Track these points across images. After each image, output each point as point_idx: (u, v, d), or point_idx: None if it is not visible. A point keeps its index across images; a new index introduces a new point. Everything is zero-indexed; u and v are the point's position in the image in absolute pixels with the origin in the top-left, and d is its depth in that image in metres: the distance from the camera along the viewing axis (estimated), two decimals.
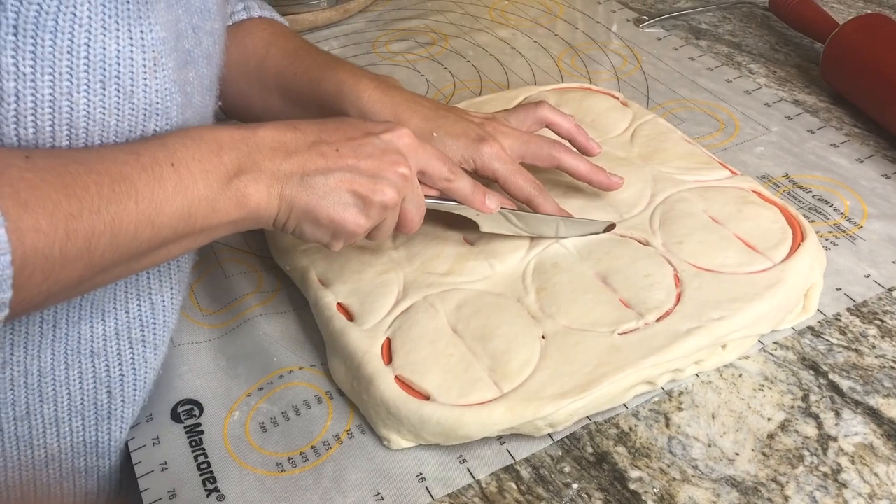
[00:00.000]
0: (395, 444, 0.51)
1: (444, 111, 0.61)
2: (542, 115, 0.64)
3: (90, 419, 0.52)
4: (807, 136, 0.76)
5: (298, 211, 0.48)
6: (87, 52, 0.42)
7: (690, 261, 0.58)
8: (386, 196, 0.49)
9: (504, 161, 0.59)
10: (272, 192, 0.47)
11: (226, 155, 0.46)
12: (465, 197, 0.55)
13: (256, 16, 0.68)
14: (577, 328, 0.54)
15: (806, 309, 0.58)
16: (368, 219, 0.50)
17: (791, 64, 0.87)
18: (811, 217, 0.66)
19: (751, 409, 0.52)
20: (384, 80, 0.63)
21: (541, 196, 0.60)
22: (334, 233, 0.50)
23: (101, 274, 0.41)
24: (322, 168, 0.48)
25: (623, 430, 0.52)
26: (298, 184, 0.48)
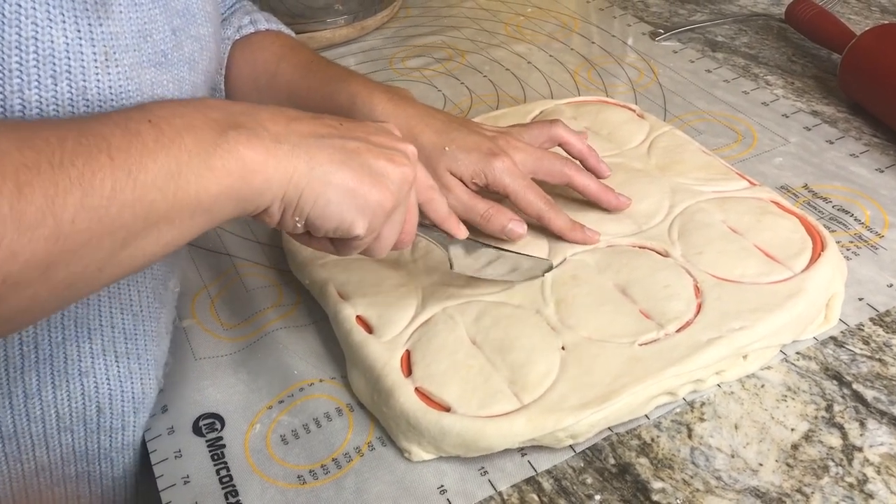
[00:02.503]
0: (415, 456, 0.51)
1: (456, 124, 0.61)
2: (556, 133, 0.64)
3: (79, 433, 0.52)
4: (825, 146, 0.76)
5: (319, 174, 0.41)
6: (35, 46, 0.39)
7: (710, 271, 0.58)
8: (406, 171, 0.45)
9: (515, 176, 0.59)
10: (280, 150, 0.40)
11: (215, 112, 0.39)
12: (442, 218, 0.53)
13: (264, 29, 0.68)
14: (596, 339, 0.54)
15: (828, 319, 0.58)
16: (393, 194, 0.44)
17: (808, 75, 0.87)
18: (832, 227, 0.66)
19: (774, 419, 0.52)
20: (397, 92, 0.63)
21: (551, 211, 0.60)
22: (361, 206, 0.43)
23: (76, 253, 0.34)
24: (335, 132, 0.43)
25: (645, 441, 0.52)
26: (313, 143, 0.41)
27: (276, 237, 0.70)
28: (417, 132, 0.60)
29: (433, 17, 1.09)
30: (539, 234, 0.63)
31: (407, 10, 1.11)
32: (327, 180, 0.41)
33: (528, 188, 0.60)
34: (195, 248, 0.71)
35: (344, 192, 0.42)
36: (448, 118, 0.62)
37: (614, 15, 1.05)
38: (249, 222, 0.73)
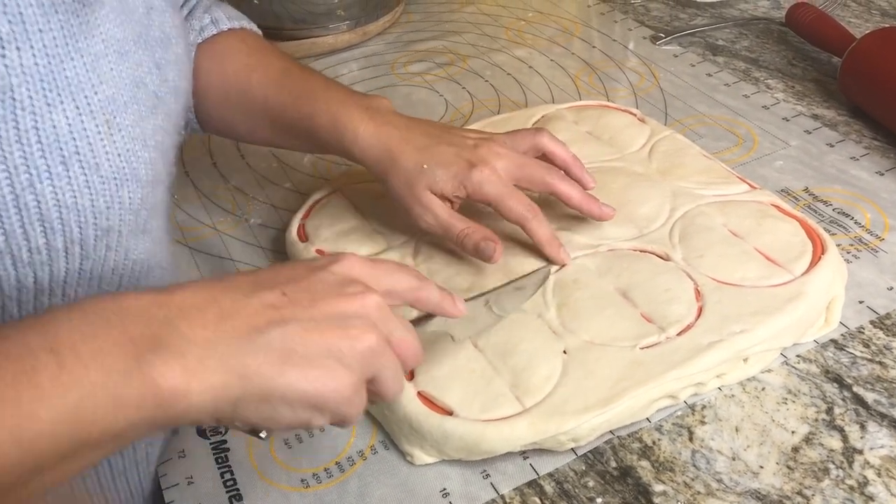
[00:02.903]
0: (418, 460, 0.51)
1: (436, 138, 0.60)
2: (540, 142, 0.62)
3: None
4: (826, 149, 0.76)
5: (257, 384, 0.36)
6: (37, 136, 0.37)
7: (711, 275, 0.58)
8: (365, 339, 0.39)
9: (495, 184, 0.58)
10: (207, 367, 0.34)
11: (132, 326, 0.34)
12: (437, 304, 0.46)
13: (226, 28, 0.65)
14: (598, 343, 0.54)
15: (828, 322, 0.58)
16: (353, 373, 0.38)
17: (809, 78, 0.88)
18: (832, 230, 0.66)
19: (774, 422, 0.52)
20: (377, 108, 0.61)
21: (535, 220, 0.59)
22: (316, 404, 0.37)
23: None
24: (275, 319, 0.37)
25: (646, 444, 0.52)
26: (247, 346, 0.36)
27: (280, 243, 0.70)
28: (397, 154, 0.58)
29: (435, 23, 1.09)
30: None
31: (408, 15, 1.12)
32: (266, 390, 0.36)
33: (510, 196, 0.58)
34: (197, 252, 0.71)
35: (289, 396, 0.37)
36: (429, 131, 0.60)
37: (615, 19, 1.06)
38: (253, 227, 0.74)
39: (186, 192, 0.78)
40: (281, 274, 0.40)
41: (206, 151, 0.85)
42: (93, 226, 0.41)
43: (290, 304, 0.38)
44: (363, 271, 0.42)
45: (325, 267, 0.41)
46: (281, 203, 0.76)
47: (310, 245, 0.65)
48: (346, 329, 0.38)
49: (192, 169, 0.82)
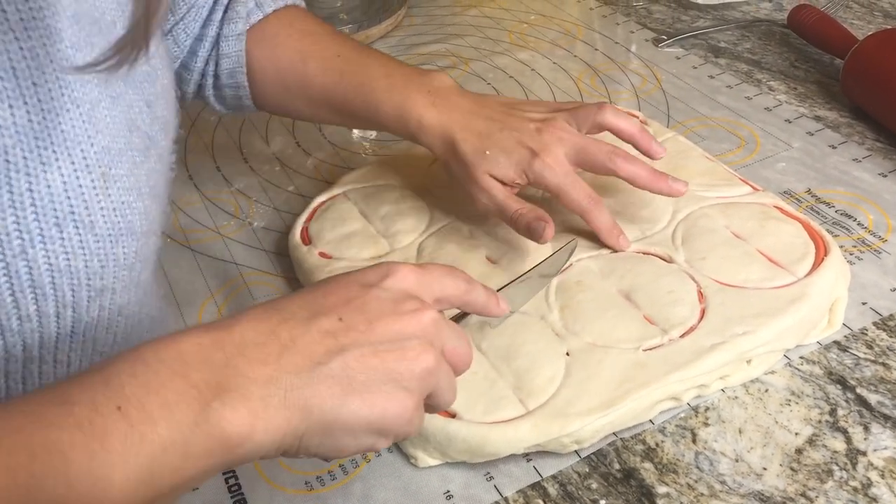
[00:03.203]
0: (421, 462, 0.51)
1: (499, 122, 0.60)
2: (602, 119, 0.61)
3: None
4: (828, 151, 0.76)
5: (319, 417, 0.36)
6: (32, 198, 0.35)
7: (713, 276, 0.59)
8: (423, 360, 0.39)
9: (556, 174, 0.58)
10: (270, 405, 0.34)
11: (194, 373, 0.34)
12: (484, 305, 0.46)
13: (271, 11, 0.65)
14: (601, 345, 0.54)
15: (831, 323, 0.58)
16: (413, 394, 0.39)
17: (811, 80, 0.88)
18: (835, 232, 0.66)
19: (778, 423, 0.52)
20: (438, 93, 0.61)
21: (595, 209, 0.59)
22: (380, 429, 0.38)
23: None
24: (333, 348, 0.37)
25: (650, 445, 0.52)
26: (308, 380, 0.36)
27: (283, 246, 0.70)
28: (460, 141, 0.60)
29: (437, 26, 1.10)
30: None
31: (411, 18, 1.12)
32: (329, 422, 0.36)
33: (571, 186, 0.58)
34: (201, 255, 0.71)
35: (352, 425, 0.37)
36: (492, 115, 0.61)
37: (617, 22, 1.06)
38: (257, 230, 0.74)
39: (190, 196, 0.79)
40: (335, 294, 0.39)
41: (210, 156, 0.85)
42: (86, 287, 0.38)
43: (347, 329, 0.38)
44: (415, 283, 0.41)
45: (379, 283, 0.40)
46: (284, 206, 0.77)
47: (313, 248, 0.65)
48: (403, 351, 0.38)
49: (195, 173, 0.82)
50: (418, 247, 0.64)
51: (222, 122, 0.91)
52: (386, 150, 0.83)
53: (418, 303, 0.40)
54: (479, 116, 0.60)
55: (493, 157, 0.59)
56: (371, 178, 0.72)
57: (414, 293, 0.41)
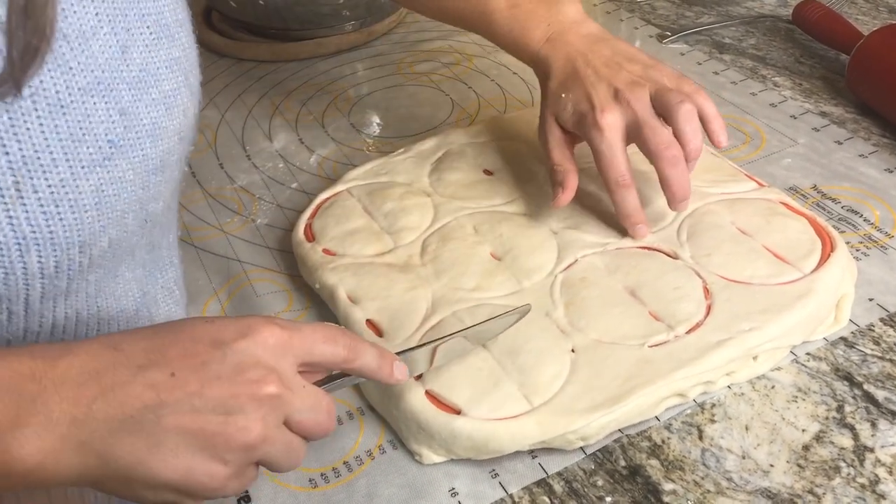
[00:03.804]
0: (426, 459, 0.51)
1: (592, 70, 0.60)
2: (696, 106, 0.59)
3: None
4: (834, 147, 0.75)
5: (116, 469, 0.36)
6: None
7: (719, 273, 0.58)
8: (246, 434, 0.38)
9: (602, 140, 0.58)
10: (67, 447, 0.34)
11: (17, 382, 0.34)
12: (373, 372, 0.45)
13: None
14: (606, 341, 0.54)
15: (838, 320, 0.58)
16: (227, 464, 0.38)
17: (816, 76, 0.87)
18: (841, 228, 0.66)
19: (785, 420, 0.52)
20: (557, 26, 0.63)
21: (622, 190, 0.59)
22: (183, 492, 0.38)
23: None
24: (152, 404, 0.36)
25: (656, 442, 0.52)
26: (114, 430, 0.35)
27: (287, 243, 0.70)
28: (551, 77, 0.62)
29: (440, 23, 1.09)
30: (550, 236, 0.63)
31: (414, 15, 1.12)
32: (128, 475, 0.36)
33: (610, 157, 0.58)
34: (205, 252, 0.71)
35: (151, 483, 0.37)
36: (593, 60, 0.61)
37: (621, 18, 1.05)
38: (260, 227, 0.74)
39: (192, 193, 0.79)
40: (180, 345, 0.38)
41: (213, 153, 0.85)
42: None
43: (174, 387, 0.37)
44: (276, 347, 0.40)
45: (231, 343, 0.39)
46: (287, 203, 0.76)
47: (316, 245, 0.65)
48: (227, 421, 0.37)
49: (198, 170, 0.82)
50: (422, 243, 0.64)
51: (225, 120, 0.90)
52: (388, 147, 0.83)
53: (263, 372, 0.39)
54: (580, 60, 0.61)
55: (563, 102, 0.60)
56: (376, 175, 0.72)
57: (268, 359, 0.39)
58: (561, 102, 0.61)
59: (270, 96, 0.95)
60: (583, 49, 0.62)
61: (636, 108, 0.59)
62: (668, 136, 0.59)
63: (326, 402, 0.42)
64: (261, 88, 0.96)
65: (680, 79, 0.62)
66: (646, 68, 0.61)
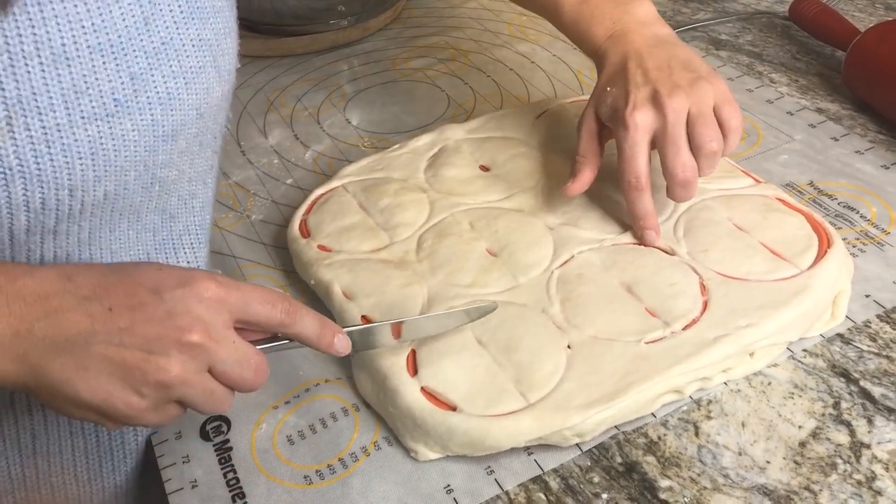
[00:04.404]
0: (422, 456, 0.51)
1: (641, 71, 0.59)
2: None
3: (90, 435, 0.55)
4: (830, 143, 0.75)
5: (47, 383, 0.40)
6: None
7: (716, 269, 0.58)
8: (164, 372, 0.41)
9: (626, 138, 0.58)
10: (6, 355, 0.39)
11: None
12: (311, 340, 0.47)
13: None
14: (603, 338, 0.54)
15: (834, 316, 0.58)
16: (144, 398, 0.41)
17: (812, 72, 0.87)
18: (837, 224, 0.66)
19: (781, 416, 0.52)
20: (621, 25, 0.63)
21: (634, 192, 0.59)
22: (103, 414, 0.42)
23: None
24: (85, 331, 0.40)
25: (652, 439, 0.51)
26: (50, 348, 0.39)
27: (282, 238, 0.70)
28: (603, 69, 0.62)
29: (436, 18, 1.09)
30: (546, 232, 0.63)
31: (410, 10, 1.11)
32: (54, 391, 0.40)
33: (629, 157, 0.58)
34: None
35: (74, 400, 0.40)
36: (645, 63, 0.60)
37: None
38: (255, 223, 0.73)
39: None
40: (124, 286, 0.41)
41: None
42: None
43: (109, 320, 0.40)
44: (211, 300, 0.43)
45: (170, 290, 0.42)
46: (282, 199, 0.76)
47: (311, 241, 0.65)
48: (149, 358, 0.41)
49: None
50: (418, 239, 0.64)
51: None
52: (384, 143, 0.83)
53: (191, 320, 0.42)
54: (633, 60, 0.61)
55: (604, 97, 0.61)
56: (371, 171, 0.72)
57: (200, 310, 0.42)
58: (604, 96, 0.61)
59: (265, 91, 0.94)
60: (640, 49, 0.61)
61: (669, 117, 0.57)
62: (687, 161, 0.58)
63: (256, 359, 0.45)
64: (255, 84, 0.96)
65: (725, 102, 0.59)
66: (696, 80, 0.59)
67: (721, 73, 0.88)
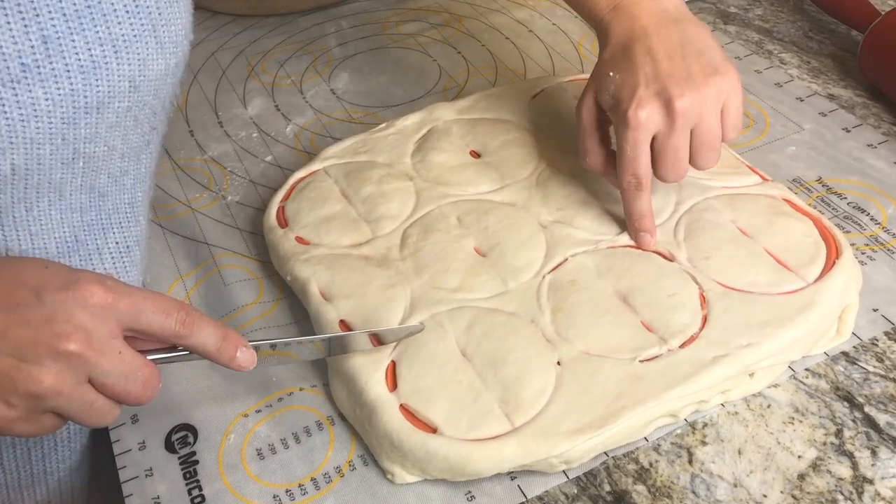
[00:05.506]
0: (399, 479, 0.48)
1: (649, 58, 0.54)
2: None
3: None
4: (842, 135, 0.71)
5: None
6: None
7: (717, 279, 0.55)
8: (36, 383, 0.38)
9: (626, 133, 0.54)
10: None
11: None
12: (211, 354, 0.44)
13: None
14: (595, 354, 0.51)
15: (840, 332, 0.55)
16: (12, 408, 0.38)
17: (825, 53, 0.82)
18: (846, 227, 0.62)
19: (780, 444, 0.49)
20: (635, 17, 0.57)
21: (632, 192, 0.56)
22: None
23: None
24: None
25: (643, 465, 0.49)
26: None
27: (258, 224, 0.65)
28: (604, 47, 0.57)
29: None
30: (538, 230, 0.59)
31: None
32: None
33: (629, 154, 0.54)
34: (171, 233, 0.67)
35: None
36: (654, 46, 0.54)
37: None
38: (230, 205, 0.69)
39: (160, 164, 0.73)
40: (3, 283, 0.39)
41: (182, 117, 0.79)
42: None
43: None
44: (97, 306, 0.39)
45: (51, 293, 0.39)
46: (260, 179, 0.72)
47: (289, 232, 0.61)
48: (19, 366, 0.38)
49: (167, 137, 0.76)
50: (402, 234, 0.60)
51: (197, 81, 0.85)
52: (370, 118, 0.78)
53: (71, 328, 0.38)
54: (641, 41, 0.55)
55: (608, 82, 0.56)
56: (355, 153, 0.67)
57: (83, 317, 0.39)
58: (606, 81, 0.56)
59: (246, 55, 0.89)
60: (649, 28, 0.55)
61: (676, 123, 0.53)
62: (684, 172, 0.55)
63: (145, 372, 0.41)
64: (236, 46, 0.91)
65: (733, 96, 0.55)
66: (710, 76, 0.54)
67: (728, 52, 0.83)
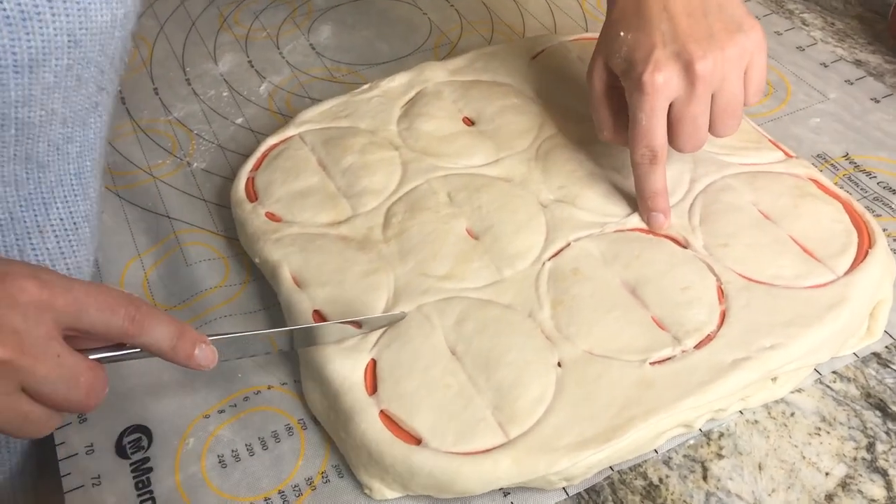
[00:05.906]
0: (377, 494, 0.43)
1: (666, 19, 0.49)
2: None
3: None
4: (870, 106, 0.65)
5: None
6: None
7: (737, 269, 0.49)
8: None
9: (641, 100, 0.49)
10: None
11: None
12: (163, 352, 0.39)
13: None
14: (599, 355, 0.45)
15: (871, 331, 0.49)
16: None
17: (852, 14, 0.76)
18: (875, 210, 0.56)
19: (805, 459, 0.44)
20: None
21: (646, 166, 0.51)
22: None
23: None
24: None
25: (652, 481, 0.43)
26: None
27: (225, 195, 0.59)
28: (613, 9, 0.51)
29: None
30: (538, 210, 0.53)
31: None
32: None
33: (647, 129, 0.49)
34: (129, 203, 0.60)
35: None
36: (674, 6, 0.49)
37: None
38: (196, 172, 0.62)
39: (120, 126, 0.67)
40: None
41: (147, 73, 0.72)
42: None
43: None
44: (31, 305, 0.35)
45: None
46: (229, 143, 0.65)
47: (259, 206, 0.54)
48: None
49: (127, 95, 0.70)
50: (386, 212, 0.54)
51: (164, 32, 0.77)
52: (352, 77, 0.71)
53: (1, 331, 0.34)
54: (660, 9, 0.49)
55: (619, 43, 0.50)
56: (335, 116, 0.61)
57: (13, 318, 0.34)
58: (617, 42, 0.50)
59: (218, 4, 0.81)
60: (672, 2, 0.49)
61: (697, 89, 0.48)
62: (702, 141, 0.51)
63: (88, 377, 0.37)
64: None
65: (757, 56, 0.49)
66: (734, 34, 0.48)
67: None
